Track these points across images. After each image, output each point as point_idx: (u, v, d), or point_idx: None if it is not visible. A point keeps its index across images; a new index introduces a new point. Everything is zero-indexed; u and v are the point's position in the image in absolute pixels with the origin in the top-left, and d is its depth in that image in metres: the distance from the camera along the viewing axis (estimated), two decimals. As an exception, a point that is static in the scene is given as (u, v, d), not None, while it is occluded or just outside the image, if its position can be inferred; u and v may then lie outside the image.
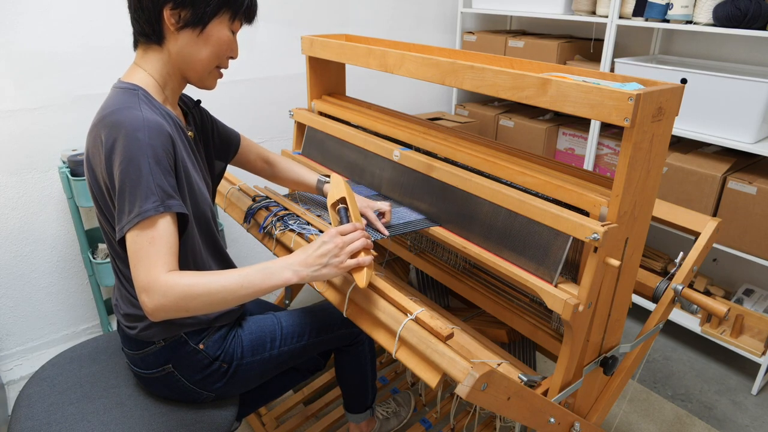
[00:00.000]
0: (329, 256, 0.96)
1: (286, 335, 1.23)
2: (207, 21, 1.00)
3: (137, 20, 1.00)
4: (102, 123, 0.94)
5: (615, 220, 0.93)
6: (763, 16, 1.74)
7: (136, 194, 0.89)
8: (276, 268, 0.95)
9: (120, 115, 0.93)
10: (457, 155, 1.23)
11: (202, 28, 1.00)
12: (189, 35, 1.00)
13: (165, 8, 0.97)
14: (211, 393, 1.15)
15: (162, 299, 0.88)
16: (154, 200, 0.90)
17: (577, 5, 2.27)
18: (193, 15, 0.98)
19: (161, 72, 1.04)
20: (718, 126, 1.87)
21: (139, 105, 0.96)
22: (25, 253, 1.87)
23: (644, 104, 0.86)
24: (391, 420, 1.67)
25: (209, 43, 1.02)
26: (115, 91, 1.00)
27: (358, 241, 0.98)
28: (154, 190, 0.90)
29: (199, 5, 0.98)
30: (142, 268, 0.89)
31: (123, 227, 0.90)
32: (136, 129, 0.91)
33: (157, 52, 1.02)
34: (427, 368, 0.90)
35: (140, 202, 0.89)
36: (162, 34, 1.00)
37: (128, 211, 0.90)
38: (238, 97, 2.18)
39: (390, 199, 1.38)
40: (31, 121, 1.75)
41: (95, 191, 1.00)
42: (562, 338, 1.04)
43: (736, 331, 1.93)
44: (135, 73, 1.03)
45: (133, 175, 0.89)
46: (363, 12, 2.46)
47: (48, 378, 1.18)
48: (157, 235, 0.90)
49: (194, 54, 1.02)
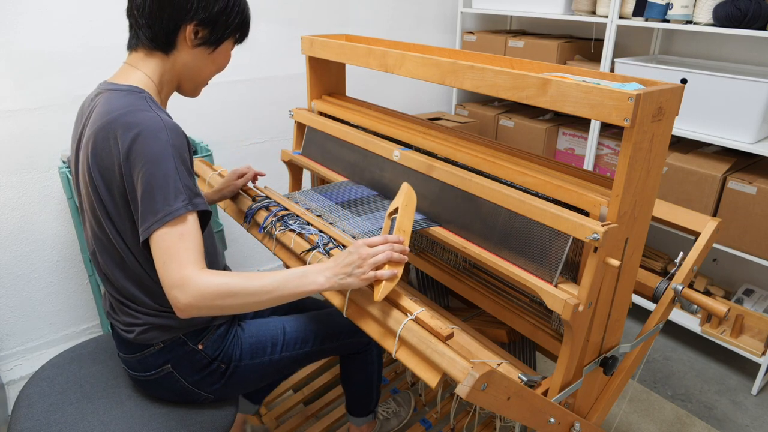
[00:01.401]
0: (353, 266, 0.96)
1: (289, 341, 1.23)
2: (221, 42, 1.05)
3: (150, 26, 0.99)
4: (115, 124, 0.93)
5: (615, 220, 0.93)
6: (763, 16, 1.74)
7: (164, 193, 0.90)
8: (311, 272, 0.97)
9: (135, 116, 0.93)
10: (457, 155, 1.23)
11: (215, 48, 1.05)
12: (202, 53, 1.05)
13: (188, 24, 0.99)
14: (209, 395, 1.15)
15: (197, 296, 0.88)
16: (183, 199, 0.91)
17: (577, 5, 2.27)
18: (211, 35, 1.03)
19: (160, 77, 1.04)
20: (718, 126, 1.87)
21: (149, 107, 0.96)
22: (25, 253, 1.87)
23: (644, 104, 0.86)
24: (391, 420, 1.67)
25: (216, 61, 1.08)
26: (115, 94, 0.98)
27: (382, 255, 0.97)
28: (182, 189, 0.91)
29: (220, 28, 1.03)
30: (174, 265, 0.88)
31: (149, 227, 0.90)
32: (158, 130, 0.92)
33: (161, 59, 1.03)
34: (427, 368, 0.90)
35: (169, 201, 0.90)
36: (174, 45, 1.02)
37: (155, 211, 0.89)
38: (238, 97, 2.18)
39: (389, 199, 1.38)
40: (31, 121, 1.75)
41: (100, 194, 0.97)
42: (562, 338, 1.04)
43: (736, 331, 1.93)
44: (132, 74, 1.02)
45: (160, 175, 0.90)
46: (363, 12, 2.46)
47: (48, 378, 1.18)
48: (186, 231, 0.90)
49: (201, 69, 1.07)
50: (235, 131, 2.24)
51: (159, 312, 1.06)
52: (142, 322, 1.06)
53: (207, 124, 2.14)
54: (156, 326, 1.06)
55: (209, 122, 2.14)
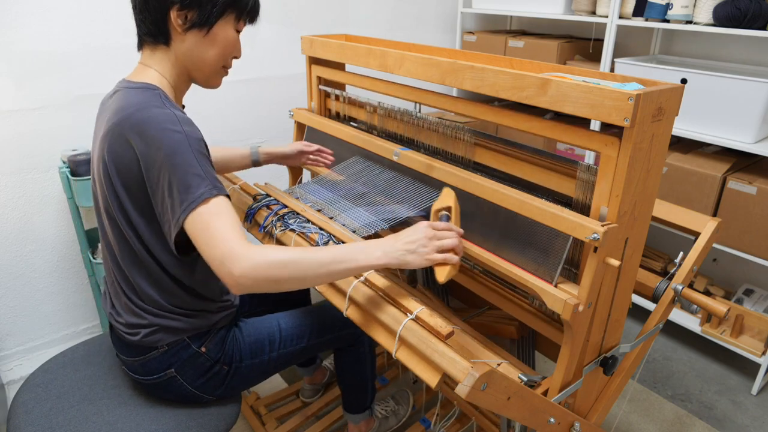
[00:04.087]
0: (417, 244, 0.95)
1: (285, 338, 1.23)
2: (213, 22, 1.00)
3: (143, 21, 0.99)
4: (130, 121, 0.93)
5: (615, 220, 0.93)
6: (763, 16, 1.74)
7: (188, 183, 0.90)
8: (370, 245, 0.95)
9: (150, 112, 0.93)
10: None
11: (208, 29, 1.01)
12: (195, 36, 1.00)
13: (171, 10, 0.97)
14: (211, 397, 1.15)
15: (250, 265, 0.85)
16: (206, 185, 0.90)
17: (577, 5, 2.27)
18: (200, 16, 0.98)
19: (171, 72, 1.04)
20: (718, 126, 1.87)
21: (163, 103, 0.96)
22: (25, 253, 1.87)
23: (644, 104, 0.86)
24: (390, 419, 1.67)
25: (215, 44, 1.03)
26: (130, 91, 0.99)
27: (450, 240, 0.96)
28: (204, 176, 0.91)
29: (205, 6, 0.98)
30: (218, 241, 0.87)
31: (179, 217, 0.89)
32: (174, 123, 0.92)
33: (165, 53, 1.02)
34: (427, 368, 0.90)
35: (194, 189, 0.89)
36: (168, 34, 1.00)
37: (181, 201, 0.89)
38: (238, 97, 2.18)
39: (390, 195, 1.38)
40: (31, 121, 1.75)
41: (116, 191, 0.97)
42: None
43: (736, 331, 1.93)
44: (145, 72, 1.02)
45: (181, 165, 0.90)
46: (363, 12, 2.46)
47: (42, 384, 1.17)
48: (221, 210, 0.90)
49: (201, 54, 1.03)
50: (235, 131, 2.23)
51: (169, 312, 1.06)
52: (149, 323, 1.05)
53: (207, 123, 2.14)
54: (163, 327, 1.06)
55: (209, 122, 2.14)
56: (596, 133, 0.94)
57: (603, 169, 0.93)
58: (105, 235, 1.07)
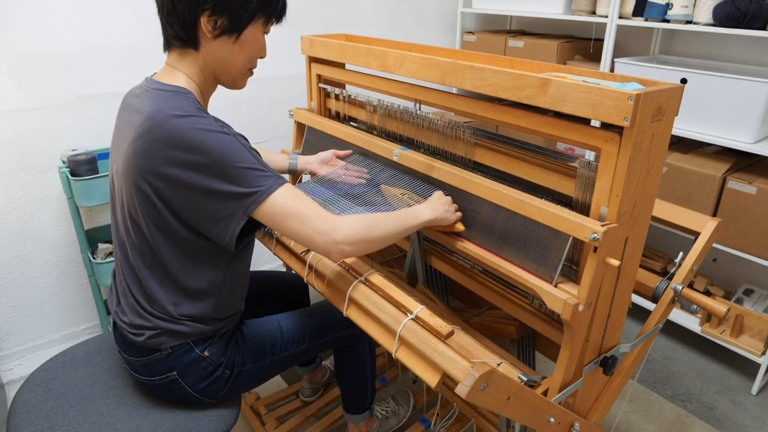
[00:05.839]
0: (448, 206, 1.14)
1: (287, 340, 1.23)
2: (243, 27, 1.00)
3: (171, 25, 0.98)
4: (168, 125, 0.91)
5: (615, 220, 0.93)
6: (763, 16, 1.74)
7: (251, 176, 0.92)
8: (417, 208, 1.10)
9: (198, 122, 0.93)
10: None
11: (238, 35, 1.00)
12: (225, 42, 1.00)
13: (202, 16, 0.96)
14: (212, 400, 1.15)
15: (351, 231, 0.94)
16: (271, 175, 0.95)
17: (577, 5, 2.27)
18: (230, 22, 0.98)
19: (199, 76, 1.03)
20: (718, 126, 1.87)
21: (198, 110, 0.95)
22: (24, 253, 1.87)
23: (644, 104, 0.86)
24: (390, 419, 1.67)
25: (245, 48, 1.03)
26: (165, 94, 0.97)
27: (455, 206, 1.17)
28: (265, 169, 0.95)
29: (237, 13, 0.98)
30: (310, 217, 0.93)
31: (247, 208, 0.92)
32: (218, 126, 0.93)
33: (194, 57, 1.01)
34: (427, 368, 0.90)
35: (260, 180, 0.93)
36: (198, 40, 0.99)
37: (248, 194, 0.92)
38: (238, 97, 2.18)
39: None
40: (31, 121, 1.75)
41: (145, 192, 0.95)
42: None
43: (736, 331, 1.94)
44: (175, 75, 1.01)
45: (238, 163, 0.92)
46: (363, 12, 2.46)
47: (42, 384, 1.17)
48: (296, 193, 0.96)
49: (230, 59, 1.03)
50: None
51: (175, 320, 1.06)
52: (153, 326, 1.05)
53: (207, 124, 2.14)
54: (167, 331, 1.06)
55: (209, 122, 2.14)
56: (596, 129, 0.94)
57: (603, 169, 0.93)
58: (119, 234, 1.06)
